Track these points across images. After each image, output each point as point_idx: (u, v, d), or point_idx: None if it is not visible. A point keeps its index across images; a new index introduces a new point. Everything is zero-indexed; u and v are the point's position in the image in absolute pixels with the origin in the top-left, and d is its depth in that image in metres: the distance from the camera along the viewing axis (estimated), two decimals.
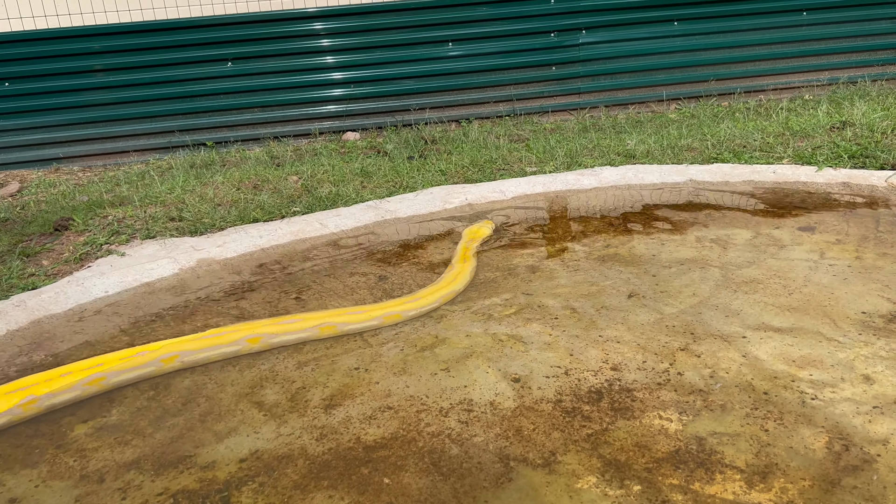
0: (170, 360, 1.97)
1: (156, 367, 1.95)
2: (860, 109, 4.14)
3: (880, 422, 1.54)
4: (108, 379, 1.89)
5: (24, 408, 1.77)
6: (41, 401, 1.79)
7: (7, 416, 1.75)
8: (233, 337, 2.03)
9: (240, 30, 4.89)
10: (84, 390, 1.85)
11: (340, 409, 1.76)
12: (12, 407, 1.75)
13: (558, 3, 5.25)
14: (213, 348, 2.01)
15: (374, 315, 2.15)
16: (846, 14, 5.58)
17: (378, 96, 5.22)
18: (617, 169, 3.34)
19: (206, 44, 4.88)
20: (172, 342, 2.00)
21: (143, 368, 1.94)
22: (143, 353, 1.95)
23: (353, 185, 3.45)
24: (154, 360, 1.95)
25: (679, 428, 1.59)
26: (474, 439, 1.61)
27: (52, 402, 1.81)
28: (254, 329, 2.06)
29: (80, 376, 1.85)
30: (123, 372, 1.91)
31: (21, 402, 1.76)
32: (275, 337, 2.07)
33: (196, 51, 4.90)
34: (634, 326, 2.04)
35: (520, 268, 2.52)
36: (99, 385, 1.87)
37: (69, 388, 1.82)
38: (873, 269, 2.25)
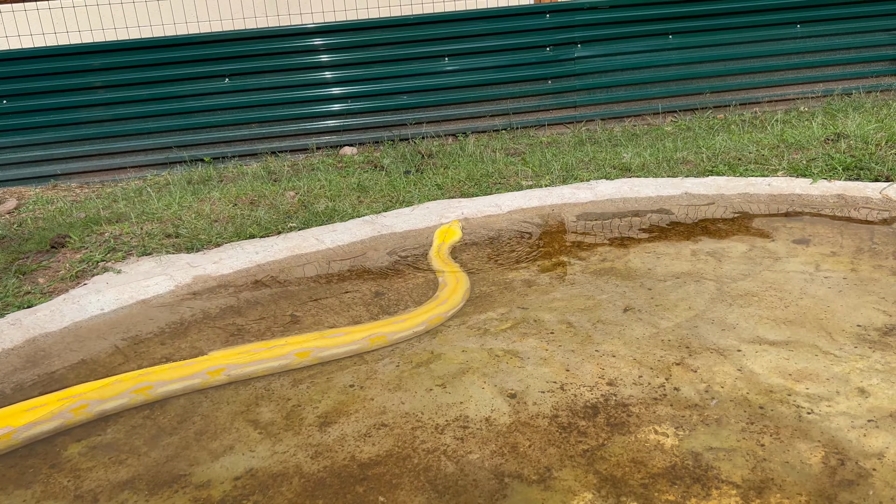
0: (216, 372, 1.98)
1: (202, 380, 1.97)
2: (854, 121, 4.16)
3: (875, 436, 1.54)
4: (156, 388, 1.92)
5: (76, 412, 1.81)
6: (91, 406, 1.83)
7: (59, 420, 1.79)
8: (281, 351, 2.04)
9: (237, 46, 4.91)
10: (131, 398, 1.88)
11: (335, 426, 1.75)
12: (63, 411, 1.80)
13: (553, 18, 5.28)
14: (260, 362, 2.02)
15: (419, 321, 2.19)
16: (840, 27, 5.61)
17: (375, 111, 5.23)
18: (612, 182, 3.35)
19: (204, 60, 4.90)
20: (221, 355, 2.03)
21: (190, 380, 1.95)
22: (190, 364, 1.99)
23: (350, 200, 3.46)
24: (200, 373, 1.97)
25: (675, 443, 1.58)
26: (470, 456, 1.60)
27: (103, 409, 1.85)
28: (302, 343, 2.08)
29: (129, 384, 1.89)
30: (170, 382, 1.94)
31: (72, 406, 1.81)
32: (324, 350, 2.07)
33: (194, 67, 4.91)
34: (630, 341, 2.04)
35: (516, 282, 2.52)
36: (146, 394, 1.90)
37: (118, 396, 1.87)
38: (868, 282, 2.26)
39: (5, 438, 1.73)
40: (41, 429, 1.77)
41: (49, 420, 1.78)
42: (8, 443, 1.73)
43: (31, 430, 1.76)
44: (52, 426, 1.79)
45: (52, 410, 1.80)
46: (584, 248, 2.77)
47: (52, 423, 1.79)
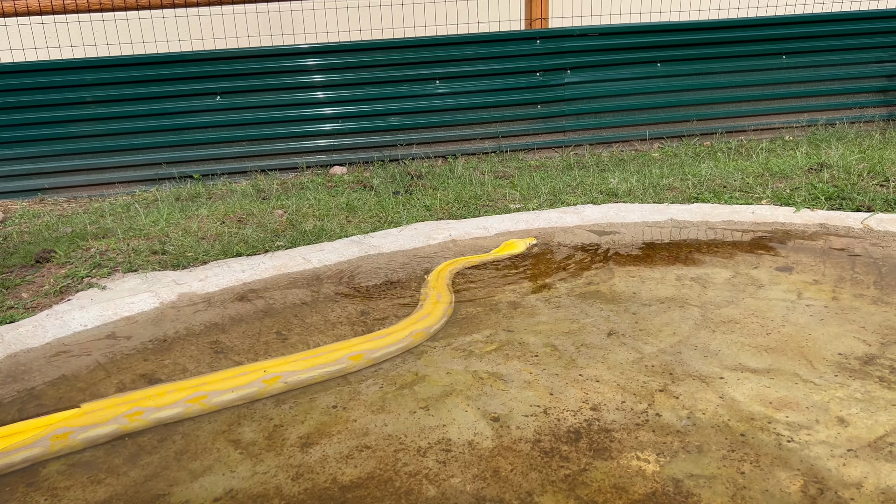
0: (272, 380, 1.99)
1: (258, 388, 1.97)
2: (837, 152, 4.22)
3: (854, 465, 1.55)
4: (210, 398, 1.92)
5: (131, 418, 1.84)
6: (147, 413, 1.85)
7: (114, 425, 1.82)
8: (335, 356, 2.07)
9: (229, 64, 4.94)
10: (186, 408, 1.89)
11: (317, 447, 1.75)
12: (119, 416, 1.83)
13: (544, 44, 5.35)
14: (315, 368, 2.03)
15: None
16: (825, 58, 5.73)
17: (366, 131, 5.27)
18: (599, 207, 3.38)
19: (196, 78, 4.93)
20: (275, 362, 2.03)
21: (245, 389, 1.96)
22: (245, 373, 1.98)
23: (338, 219, 3.47)
24: (256, 381, 1.97)
25: (656, 469, 1.59)
26: (451, 480, 1.60)
27: (158, 416, 1.86)
28: (353, 346, 2.12)
29: (184, 394, 1.90)
30: (225, 392, 1.94)
31: (128, 412, 1.84)
32: (375, 352, 2.12)
33: (185, 84, 4.94)
34: (614, 365, 2.05)
35: (502, 304, 2.53)
36: (201, 404, 1.91)
37: (173, 405, 1.87)
38: (849, 311, 2.28)
39: (63, 439, 1.76)
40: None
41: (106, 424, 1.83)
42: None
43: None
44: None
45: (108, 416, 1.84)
46: (570, 271, 2.79)
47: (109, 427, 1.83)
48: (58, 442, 1.76)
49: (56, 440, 1.76)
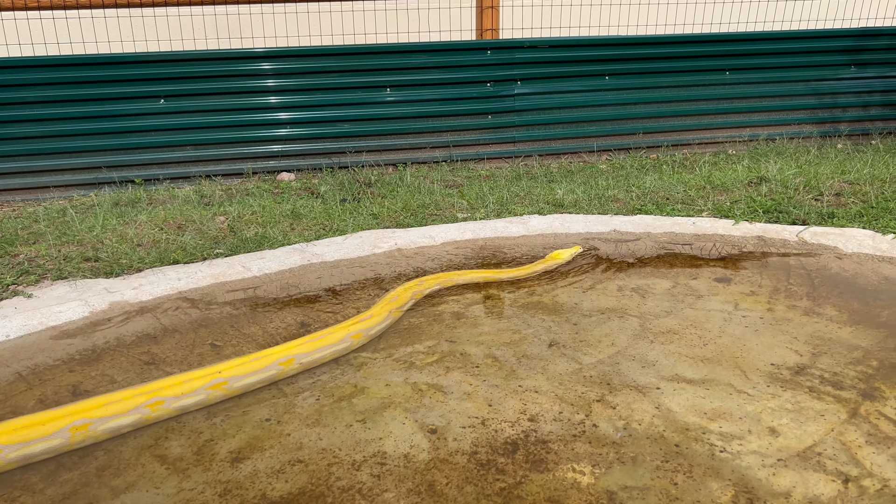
0: (288, 363, 2.05)
1: (276, 371, 2.03)
2: (776, 166, 4.34)
3: (783, 474, 1.57)
4: (231, 384, 1.95)
5: (153, 408, 1.84)
6: (167, 402, 1.86)
7: (136, 415, 1.82)
8: (339, 335, 2.17)
9: (174, 67, 4.82)
10: (208, 395, 1.91)
11: (248, 462, 1.69)
12: (139, 406, 1.82)
13: (494, 55, 5.37)
14: (324, 348, 2.13)
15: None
16: (766, 75, 5.89)
17: (316, 138, 5.20)
18: (545, 217, 3.39)
19: (139, 80, 4.79)
20: (288, 346, 2.09)
21: (263, 373, 2.00)
22: (257, 358, 2.01)
23: (282, 227, 3.40)
24: (272, 364, 2.02)
25: (591, 481, 1.58)
26: (385, 495, 1.56)
27: (181, 405, 1.88)
28: (354, 325, 2.22)
29: (201, 382, 1.91)
30: (246, 376, 1.97)
31: (148, 402, 1.83)
32: (372, 329, 2.27)
33: (128, 87, 4.79)
34: (553, 376, 2.05)
35: (445, 314, 2.51)
36: (223, 389, 1.94)
37: (193, 392, 1.89)
38: (783, 322, 2.33)
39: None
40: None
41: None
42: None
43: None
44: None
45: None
46: (514, 281, 2.78)
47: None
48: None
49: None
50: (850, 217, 3.21)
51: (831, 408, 1.82)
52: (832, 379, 1.96)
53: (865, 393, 1.88)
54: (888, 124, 6.09)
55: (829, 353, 2.11)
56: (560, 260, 2.89)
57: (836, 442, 1.69)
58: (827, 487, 1.52)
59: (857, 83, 6.04)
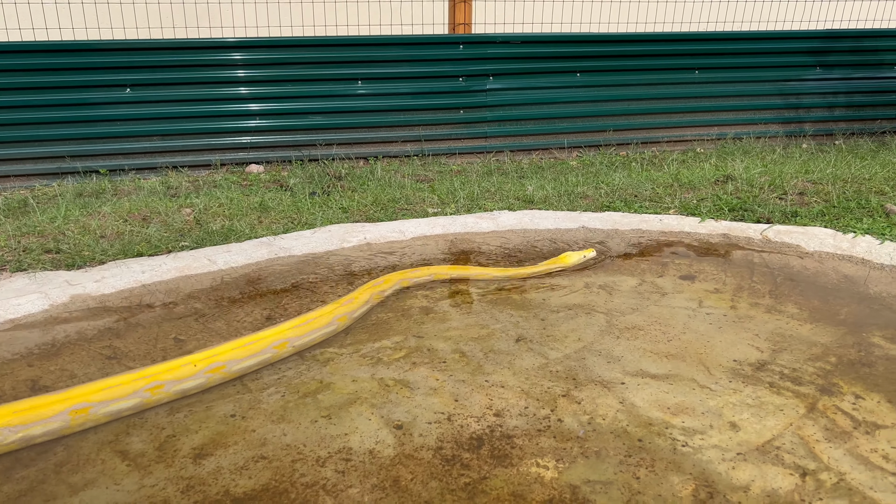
0: (282, 346, 2.10)
1: (271, 354, 2.08)
2: (742, 165, 4.41)
3: (743, 468, 1.60)
4: (229, 367, 1.98)
5: (153, 391, 1.86)
6: (168, 386, 1.87)
7: (136, 399, 1.83)
8: (327, 318, 2.24)
9: (140, 56, 4.73)
10: (208, 378, 1.94)
11: (211, 458, 1.67)
12: (139, 390, 1.84)
13: (467, 49, 5.37)
14: (315, 331, 2.19)
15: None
16: (734, 75, 5.98)
17: (285, 130, 5.15)
18: (514, 213, 3.40)
19: (105, 68, 4.69)
20: (281, 329, 2.12)
21: (260, 356, 2.05)
22: (252, 342, 2.05)
23: (249, 219, 3.36)
24: (267, 347, 2.07)
25: (555, 476, 1.59)
26: (350, 490, 1.56)
27: (181, 388, 1.90)
28: (338, 309, 2.30)
29: (200, 366, 1.93)
30: (244, 360, 2.01)
31: (147, 386, 1.85)
32: (355, 312, 2.35)
33: (93, 75, 4.69)
34: (520, 371, 2.06)
35: (413, 309, 2.50)
36: (222, 373, 1.97)
37: (193, 376, 1.92)
38: (746, 319, 2.37)
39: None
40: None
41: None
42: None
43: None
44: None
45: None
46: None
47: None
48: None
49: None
50: (813, 216, 3.27)
51: (790, 403, 1.86)
52: (792, 375, 2.00)
53: (823, 388, 1.92)
54: (851, 125, 6.22)
55: (790, 349, 2.15)
56: (567, 263, 2.81)
57: (794, 436, 1.72)
58: (785, 481, 1.55)
59: (821, 84, 6.16)
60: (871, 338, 2.21)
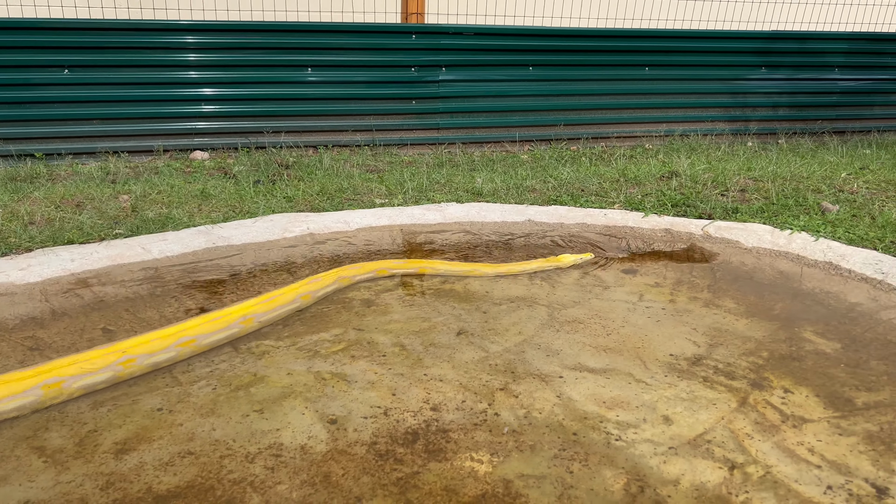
0: (248, 321, 2.15)
1: (238, 329, 2.13)
2: (687, 162, 4.47)
3: (674, 462, 1.61)
4: (199, 341, 2.03)
5: (125, 365, 1.89)
6: (140, 359, 1.91)
7: (109, 372, 1.86)
8: (290, 296, 2.30)
9: (79, 36, 4.55)
10: (178, 352, 1.99)
11: (134, 454, 1.61)
12: (112, 364, 1.86)
13: (419, 39, 5.32)
14: (279, 307, 2.25)
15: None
16: (683, 73, 6.06)
17: (232, 116, 5.02)
18: (462, 206, 3.38)
19: (40, 48, 4.50)
20: (247, 305, 2.17)
21: (227, 330, 2.10)
22: (220, 317, 2.10)
23: (189, 207, 3.26)
24: (235, 322, 2.12)
25: (489, 470, 1.58)
26: (278, 487, 1.52)
27: (153, 361, 1.94)
28: (303, 287, 2.36)
29: (170, 340, 1.97)
30: (211, 334, 2.06)
31: (120, 360, 1.88)
32: (318, 291, 2.41)
33: (27, 54, 4.50)
34: (459, 365, 2.04)
35: (355, 301, 2.46)
36: (192, 347, 2.01)
37: (164, 350, 1.96)
38: (684, 313, 2.40)
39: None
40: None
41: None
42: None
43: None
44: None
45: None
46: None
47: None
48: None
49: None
50: (753, 212, 3.34)
51: (723, 397, 1.88)
52: (725, 369, 2.03)
53: (755, 383, 1.96)
54: (793, 125, 6.38)
55: (725, 344, 2.18)
56: (562, 263, 2.77)
57: (725, 430, 1.74)
58: (714, 474, 1.57)
59: (767, 84, 6.30)
60: (803, 333, 2.26)
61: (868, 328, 2.30)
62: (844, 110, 6.52)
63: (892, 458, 1.64)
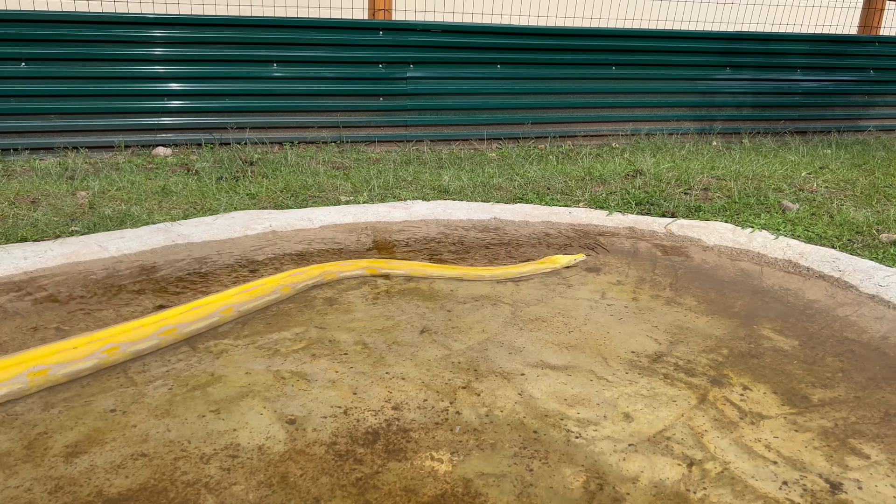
0: (228, 310, 2.18)
1: (219, 318, 2.16)
2: (651, 160, 4.52)
3: (633, 459, 1.62)
4: (180, 329, 2.07)
5: (109, 353, 1.92)
6: (123, 347, 1.94)
7: (94, 360, 1.89)
8: (271, 287, 2.32)
9: (35, 28, 4.44)
10: (161, 339, 2.02)
11: (85, 457, 1.57)
12: (96, 352, 1.89)
13: (387, 36, 5.29)
14: (260, 298, 2.29)
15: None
16: (650, 72, 6.12)
17: (196, 111, 4.94)
18: (428, 203, 3.37)
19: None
20: (227, 294, 2.21)
21: (207, 319, 2.13)
22: (203, 305, 2.14)
23: (148, 204, 3.20)
24: (215, 312, 2.15)
25: (449, 469, 1.57)
26: (234, 488, 1.49)
27: (136, 349, 1.97)
28: (284, 279, 2.38)
29: (155, 327, 2.01)
30: (192, 323, 2.09)
31: (104, 348, 1.91)
32: (299, 284, 2.42)
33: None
34: (422, 363, 2.03)
35: (317, 299, 2.44)
36: (174, 335, 2.05)
37: (147, 338, 1.99)
38: (646, 310, 2.42)
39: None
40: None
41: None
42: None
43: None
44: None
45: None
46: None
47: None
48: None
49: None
50: (715, 211, 3.38)
51: (683, 394, 1.90)
52: (686, 366, 2.04)
53: (714, 380, 1.98)
54: (757, 124, 6.49)
55: (686, 341, 2.20)
56: (556, 265, 2.75)
57: (684, 427, 1.75)
58: (672, 471, 1.58)
59: (731, 84, 6.39)
60: (762, 330, 2.29)
61: (825, 325, 2.34)
62: (806, 110, 6.65)
63: (846, 454, 1.67)
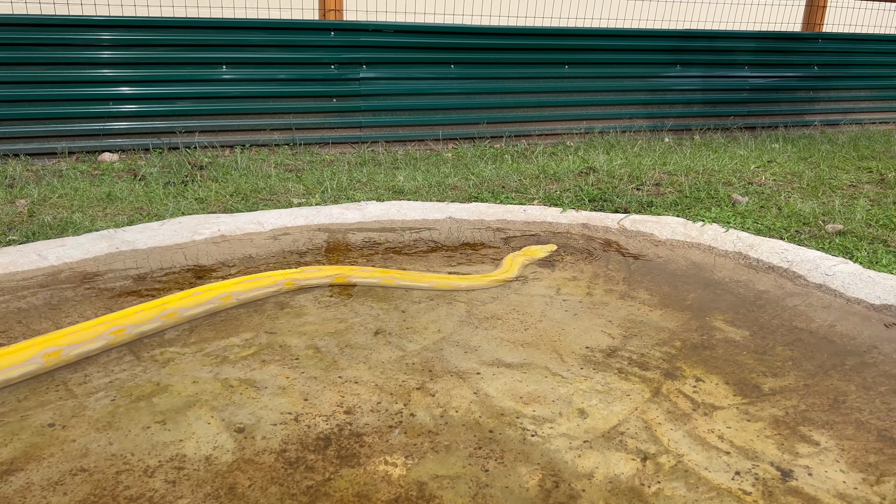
0: (227, 298, 2.26)
1: (217, 304, 2.24)
2: (604, 157, 4.55)
3: (588, 456, 1.61)
4: (180, 313, 2.14)
5: (116, 335, 2.00)
6: (129, 329, 2.03)
7: (102, 341, 1.97)
8: (270, 280, 2.38)
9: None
10: (163, 322, 2.11)
11: (21, 474, 1.49)
12: (104, 333, 1.97)
13: (338, 36, 5.24)
14: (260, 288, 2.35)
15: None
16: (602, 70, 6.19)
17: (144, 115, 4.82)
18: (382, 204, 3.33)
19: None
20: (228, 283, 2.28)
21: (206, 305, 2.21)
22: (203, 292, 2.21)
23: (92, 211, 3.10)
24: (214, 298, 2.22)
25: (403, 473, 1.54)
26: (179, 501, 1.43)
27: (140, 331, 2.06)
28: (287, 275, 2.43)
29: (157, 311, 2.09)
30: (192, 308, 2.17)
31: (110, 330, 1.99)
32: (302, 281, 2.47)
33: None
34: (376, 365, 1.99)
35: (268, 304, 2.38)
36: (175, 318, 2.14)
37: (150, 320, 2.08)
38: (600, 306, 2.42)
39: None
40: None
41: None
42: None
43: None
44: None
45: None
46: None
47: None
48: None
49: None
50: (667, 206, 3.41)
51: (637, 388, 1.90)
52: (639, 360, 2.05)
53: (668, 372, 1.98)
54: (707, 121, 6.61)
55: (640, 335, 2.21)
56: (534, 256, 2.80)
57: (638, 421, 1.75)
58: (627, 466, 1.58)
59: (681, 81, 6.49)
60: (714, 322, 2.31)
61: (774, 315, 2.37)
62: (754, 106, 6.79)
63: (796, 442, 1.68)
